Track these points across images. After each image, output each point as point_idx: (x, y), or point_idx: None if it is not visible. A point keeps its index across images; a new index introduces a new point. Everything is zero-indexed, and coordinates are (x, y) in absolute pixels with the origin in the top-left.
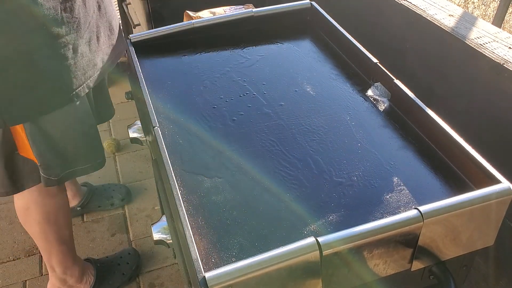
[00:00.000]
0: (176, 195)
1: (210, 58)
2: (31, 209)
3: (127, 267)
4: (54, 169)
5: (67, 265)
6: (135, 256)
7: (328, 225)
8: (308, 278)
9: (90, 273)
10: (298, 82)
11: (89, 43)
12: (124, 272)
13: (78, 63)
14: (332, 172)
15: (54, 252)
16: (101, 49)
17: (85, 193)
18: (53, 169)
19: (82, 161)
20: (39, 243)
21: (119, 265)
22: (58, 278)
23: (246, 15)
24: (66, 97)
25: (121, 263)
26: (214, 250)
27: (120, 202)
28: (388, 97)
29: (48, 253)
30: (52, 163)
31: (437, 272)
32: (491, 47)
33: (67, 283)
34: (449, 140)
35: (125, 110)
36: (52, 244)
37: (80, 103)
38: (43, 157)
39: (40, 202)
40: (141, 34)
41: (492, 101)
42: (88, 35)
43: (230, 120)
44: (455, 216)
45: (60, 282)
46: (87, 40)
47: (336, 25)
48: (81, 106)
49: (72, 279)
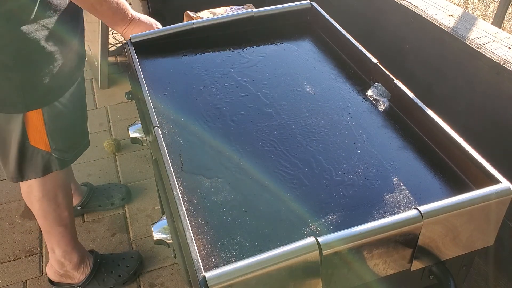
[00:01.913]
0: (176, 195)
1: (210, 58)
2: (32, 187)
3: (125, 270)
4: (67, 151)
5: (66, 249)
6: (137, 261)
7: (328, 225)
8: (308, 278)
9: (88, 264)
10: (298, 82)
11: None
12: (121, 274)
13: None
14: (332, 172)
15: (53, 232)
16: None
17: (85, 192)
18: (66, 151)
19: (81, 142)
20: (40, 221)
21: (118, 266)
22: (56, 261)
23: (246, 15)
24: (73, 78)
25: (121, 265)
26: (214, 250)
27: (120, 202)
28: (388, 97)
29: (48, 233)
30: (66, 144)
31: (437, 272)
32: (490, 47)
33: (64, 267)
34: (449, 140)
35: (125, 110)
36: (51, 224)
37: (78, 84)
38: (58, 140)
39: (40, 180)
40: (141, 34)
41: (492, 101)
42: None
43: (231, 120)
44: (455, 216)
45: (58, 265)
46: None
47: (336, 25)
48: (79, 86)
49: (70, 264)
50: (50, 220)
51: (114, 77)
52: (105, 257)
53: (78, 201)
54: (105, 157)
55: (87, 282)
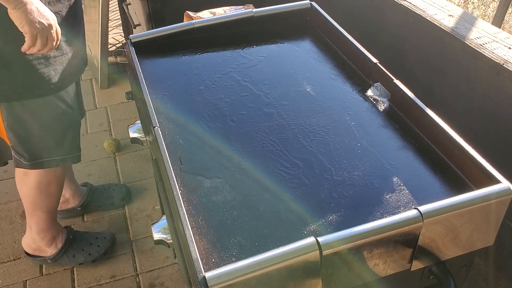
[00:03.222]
0: (176, 195)
1: (210, 58)
2: (28, 175)
3: (96, 250)
4: (23, 155)
5: (42, 228)
6: (108, 242)
7: (328, 225)
8: (308, 278)
9: (61, 240)
10: (298, 82)
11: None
12: (91, 253)
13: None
14: (333, 172)
15: (35, 215)
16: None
17: (85, 193)
18: (23, 155)
19: (58, 153)
20: (25, 203)
21: (90, 245)
22: (31, 236)
23: (246, 16)
24: (49, 87)
25: (93, 244)
26: (214, 250)
27: (121, 202)
28: (388, 97)
29: (30, 214)
30: (22, 149)
31: (437, 272)
32: (490, 47)
33: (37, 243)
34: (449, 140)
35: (125, 110)
36: (36, 209)
37: (62, 96)
38: (15, 141)
39: (36, 171)
40: (141, 34)
41: (492, 101)
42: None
43: (231, 120)
44: (455, 216)
45: (32, 240)
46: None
47: (336, 25)
48: (63, 99)
49: (42, 241)
50: (35, 206)
51: (114, 77)
52: (79, 234)
53: (78, 201)
54: (105, 157)
55: (57, 256)
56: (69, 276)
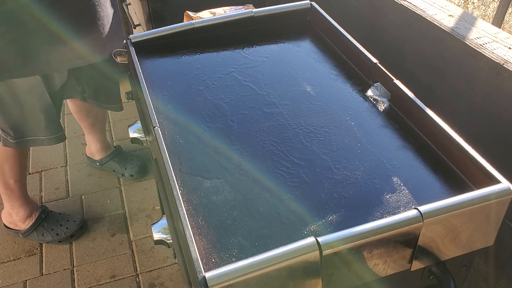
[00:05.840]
0: (176, 195)
1: (210, 58)
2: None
3: (64, 231)
4: (9, 133)
5: (14, 205)
6: (77, 225)
7: (328, 225)
8: (308, 278)
9: (34, 217)
10: (298, 82)
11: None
12: (59, 233)
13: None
14: (333, 172)
15: (2, 192)
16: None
17: (110, 153)
18: (9, 133)
19: (41, 132)
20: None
21: (60, 226)
22: (6, 211)
23: (246, 16)
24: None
25: (63, 225)
26: (214, 250)
27: (130, 177)
28: (388, 97)
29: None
30: (8, 126)
31: (437, 272)
32: (490, 47)
33: (12, 217)
34: (449, 140)
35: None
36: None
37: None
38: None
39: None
40: (141, 34)
41: (492, 101)
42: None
43: (231, 120)
44: (455, 216)
45: (7, 214)
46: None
47: (336, 25)
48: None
49: (17, 217)
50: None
51: None
52: (52, 214)
53: (101, 157)
54: None
55: (28, 232)
56: (69, 276)
